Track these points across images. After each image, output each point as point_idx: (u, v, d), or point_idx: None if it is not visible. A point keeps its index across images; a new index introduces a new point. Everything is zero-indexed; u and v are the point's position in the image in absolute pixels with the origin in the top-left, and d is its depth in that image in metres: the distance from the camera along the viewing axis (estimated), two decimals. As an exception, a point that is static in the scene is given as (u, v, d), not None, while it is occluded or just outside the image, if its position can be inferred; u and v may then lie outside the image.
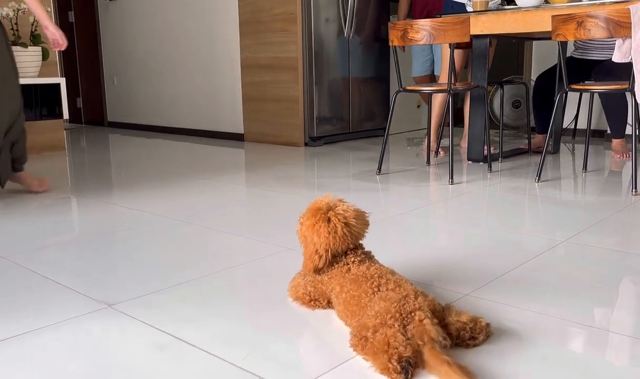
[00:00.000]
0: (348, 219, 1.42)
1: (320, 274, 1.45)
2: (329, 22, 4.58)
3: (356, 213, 1.44)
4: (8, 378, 1.18)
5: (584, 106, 4.59)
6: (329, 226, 1.40)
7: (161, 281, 1.71)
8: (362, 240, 1.49)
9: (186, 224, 2.36)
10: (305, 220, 1.46)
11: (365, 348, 1.19)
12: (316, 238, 1.42)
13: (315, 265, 1.42)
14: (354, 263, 1.42)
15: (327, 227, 1.41)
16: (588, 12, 2.78)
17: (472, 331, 1.26)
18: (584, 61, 3.96)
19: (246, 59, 4.85)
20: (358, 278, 1.36)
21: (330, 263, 1.43)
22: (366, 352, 1.18)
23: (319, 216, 1.42)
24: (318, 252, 1.41)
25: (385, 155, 4.17)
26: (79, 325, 1.42)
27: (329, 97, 4.69)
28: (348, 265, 1.41)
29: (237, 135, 5.10)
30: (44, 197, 2.91)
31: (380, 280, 1.34)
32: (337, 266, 1.43)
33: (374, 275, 1.36)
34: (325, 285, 1.44)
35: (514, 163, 3.65)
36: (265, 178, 3.32)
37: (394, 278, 1.35)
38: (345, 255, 1.43)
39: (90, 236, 2.23)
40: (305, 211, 1.47)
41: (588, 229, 2.18)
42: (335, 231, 1.40)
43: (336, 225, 1.40)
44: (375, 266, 1.40)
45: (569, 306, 1.49)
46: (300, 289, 1.50)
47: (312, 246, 1.43)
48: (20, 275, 1.79)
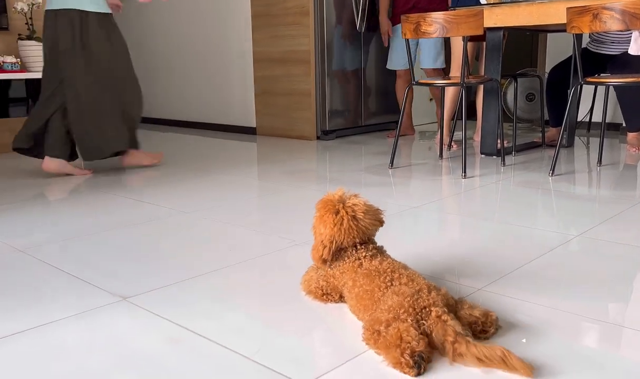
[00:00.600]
0: (356, 213, 1.42)
1: (326, 265, 1.46)
2: (341, 15, 4.57)
3: (366, 208, 1.44)
4: (26, 369, 1.20)
5: (599, 99, 4.55)
6: (336, 218, 1.41)
7: (175, 274, 1.72)
8: (374, 235, 1.49)
9: (199, 218, 2.37)
10: (316, 212, 1.47)
11: (377, 342, 1.19)
12: (323, 229, 1.43)
13: (320, 255, 1.44)
14: (365, 258, 1.42)
15: (334, 219, 1.42)
16: (604, 4, 2.75)
17: (484, 325, 1.27)
18: (598, 54, 3.91)
19: (258, 52, 4.85)
20: (370, 273, 1.36)
21: (337, 256, 1.44)
22: (379, 346, 1.19)
23: (328, 208, 1.43)
24: (323, 243, 1.43)
25: (397, 149, 4.16)
26: (94, 318, 1.44)
27: (341, 90, 4.68)
28: (360, 260, 1.41)
29: (249, 128, 5.11)
30: (60, 191, 2.94)
31: (393, 274, 1.34)
32: (348, 261, 1.43)
33: (386, 269, 1.36)
34: (337, 279, 1.44)
35: (528, 157, 3.63)
36: (278, 172, 3.33)
37: (407, 273, 1.35)
38: (356, 249, 1.44)
39: (105, 230, 2.25)
40: (318, 202, 1.48)
41: (602, 223, 2.17)
42: (341, 223, 1.41)
43: (343, 217, 1.41)
44: (388, 261, 1.40)
45: (583, 301, 1.48)
46: (312, 283, 1.51)
47: (319, 237, 1.44)
48: (37, 267, 1.81)
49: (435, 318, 1.19)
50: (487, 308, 1.31)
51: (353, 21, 4.65)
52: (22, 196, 2.82)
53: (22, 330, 1.37)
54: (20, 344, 1.31)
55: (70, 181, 3.18)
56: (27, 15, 3.99)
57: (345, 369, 1.17)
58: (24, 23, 4.01)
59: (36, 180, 3.21)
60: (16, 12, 3.97)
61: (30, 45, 4.02)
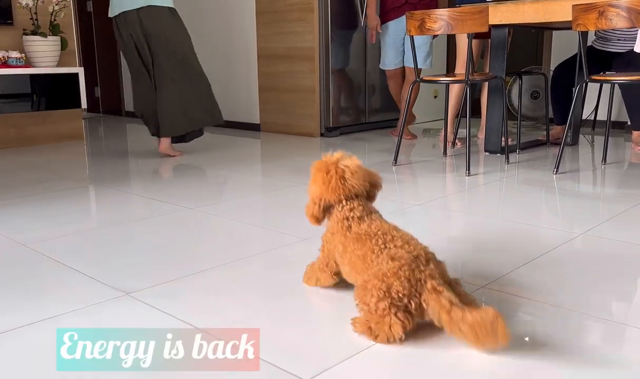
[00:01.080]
0: (345, 173, 1.43)
1: (319, 223, 1.48)
2: (346, 12, 4.56)
3: (356, 169, 1.45)
4: (28, 364, 1.20)
5: (604, 97, 4.52)
6: (326, 178, 1.44)
7: (178, 270, 1.73)
8: (364, 196, 1.48)
9: (202, 213, 2.37)
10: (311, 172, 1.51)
11: (368, 316, 1.24)
12: (313, 187, 1.47)
13: (311, 212, 1.46)
14: (354, 219, 1.41)
15: (323, 178, 1.44)
16: (610, 2, 2.73)
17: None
18: (604, 52, 3.90)
19: (262, 48, 4.84)
20: (361, 237, 1.36)
21: (327, 214, 1.47)
22: (369, 320, 1.24)
23: (321, 168, 1.46)
24: (314, 200, 1.46)
25: (400, 146, 4.16)
26: (97, 312, 1.44)
27: (345, 87, 4.67)
28: (348, 221, 1.41)
29: (253, 125, 5.11)
30: (64, 186, 2.95)
31: (385, 237, 1.34)
32: (336, 219, 1.43)
33: (376, 232, 1.36)
34: (330, 242, 1.45)
35: (532, 155, 3.61)
36: (281, 169, 3.33)
37: (399, 234, 1.36)
38: (342, 205, 1.43)
39: (108, 225, 2.26)
40: (314, 163, 1.51)
41: (607, 222, 2.16)
42: (329, 182, 1.43)
43: (332, 176, 1.43)
44: (376, 223, 1.40)
45: (587, 300, 1.48)
46: (316, 269, 1.52)
47: (311, 195, 1.48)
48: (39, 262, 1.82)
49: (431, 290, 1.21)
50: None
51: (357, 18, 4.64)
52: (24, 191, 2.83)
53: (23, 324, 1.37)
54: (22, 338, 1.31)
55: (75, 176, 3.19)
56: (31, 10, 3.99)
57: (349, 364, 1.17)
58: (28, 18, 4.01)
59: (37, 175, 3.22)
60: (21, 7, 3.98)
61: (35, 41, 4.03)
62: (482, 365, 1.17)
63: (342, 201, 1.44)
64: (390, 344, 1.22)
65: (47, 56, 4.09)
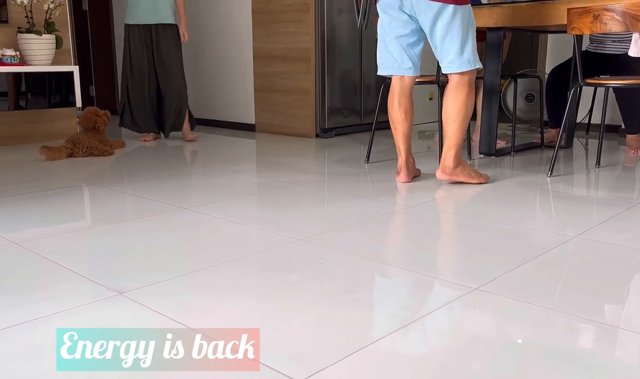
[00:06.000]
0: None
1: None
2: (342, 13, 4.56)
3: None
4: (20, 363, 1.20)
5: (598, 101, 4.54)
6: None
7: (172, 269, 1.72)
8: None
9: (197, 214, 2.37)
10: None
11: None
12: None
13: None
14: None
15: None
16: (604, 5, 2.75)
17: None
18: (599, 55, 3.91)
19: (258, 49, 4.84)
20: None
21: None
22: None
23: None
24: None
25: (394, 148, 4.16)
26: (89, 312, 1.44)
27: (341, 88, 4.68)
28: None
29: (248, 125, 5.11)
30: (58, 185, 2.93)
31: None
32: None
33: None
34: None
35: (526, 158, 3.63)
36: (276, 169, 3.33)
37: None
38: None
39: (102, 224, 2.25)
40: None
41: (600, 225, 2.17)
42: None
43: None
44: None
45: (579, 302, 1.48)
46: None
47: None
48: (32, 261, 1.81)
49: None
50: None
51: (354, 19, 4.64)
52: (17, 190, 2.82)
53: (15, 324, 1.37)
54: (14, 338, 1.30)
55: (69, 175, 3.18)
56: (27, 8, 3.97)
57: (345, 364, 1.17)
58: (23, 16, 3.99)
59: (30, 174, 3.21)
60: (16, 5, 3.96)
61: (30, 39, 4.01)
62: (477, 367, 1.18)
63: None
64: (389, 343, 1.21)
65: (42, 54, 4.08)
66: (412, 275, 1.70)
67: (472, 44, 2.69)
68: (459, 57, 2.66)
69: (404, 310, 1.49)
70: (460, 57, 2.66)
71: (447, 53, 2.68)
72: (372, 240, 2.01)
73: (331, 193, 2.77)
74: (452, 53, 2.67)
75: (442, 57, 2.72)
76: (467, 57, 2.67)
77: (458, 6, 2.60)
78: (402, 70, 2.83)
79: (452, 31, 2.64)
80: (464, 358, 1.22)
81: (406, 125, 2.89)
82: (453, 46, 2.66)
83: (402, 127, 2.89)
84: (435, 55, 2.78)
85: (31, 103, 4.12)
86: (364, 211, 2.38)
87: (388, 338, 1.29)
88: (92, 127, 3.81)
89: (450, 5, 2.59)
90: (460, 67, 2.67)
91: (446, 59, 2.70)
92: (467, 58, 2.67)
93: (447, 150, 2.78)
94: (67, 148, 3.60)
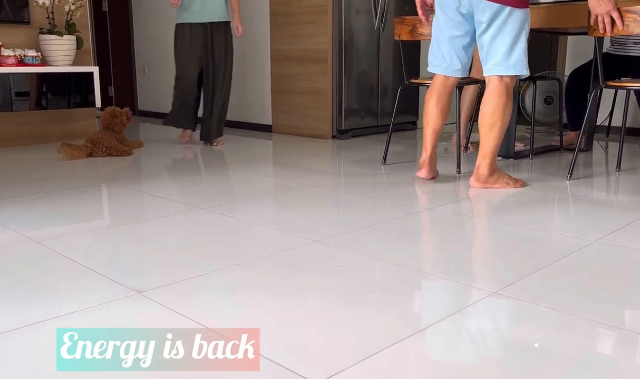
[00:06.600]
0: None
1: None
2: (359, 15, 4.56)
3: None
4: (40, 361, 1.21)
5: (619, 103, 4.48)
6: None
7: (190, 269, 1.73)
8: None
9: (214, 214, 2.38)
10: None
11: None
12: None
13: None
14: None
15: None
16: (627, 7, 2.71)
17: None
18: (620, 57, 3.86)
19: (276, 50, 4.85)
20: None
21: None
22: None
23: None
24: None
25: (412, 150, 4.14)
26: (108, 311, 1.45)
27: (358, 90, 4.67)
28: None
29: (265, 126, 5.12)
30: (77, 184, 2.97)
31: None
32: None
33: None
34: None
35: (545, 161, 3.59)
36: (292, 171, 3.33)
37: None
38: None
39: (120, 224, 2.27)
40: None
41: (621, 230, 2.14)
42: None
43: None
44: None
45: (599, 307, 1.46)
46: None
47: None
48: (52, 259, 1.83)
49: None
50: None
51: (371, 20, 4.64)
52: (38, 189, 2.85)
53: (34, 322, 1.38)
54: (33, 337, 1.32)
55: (88, 174, 3.21)
56: (48, 9, 4.03)
57: (359, 368, 1.17)
58: (45, 17, 4.05)
59: (51, 172, 3.25)
60: (37, 6, 4.02)
61: (51, 39, 4.07)
62: (491, 372, 1.17)
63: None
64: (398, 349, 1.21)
65: (62, 55, 4.13)
66: (429, 278, 1.69)
67: (521, 48, 2.61)
68: (505, 60, 2.60)
69: (421, 314, 1.49)
70: (507, 60, 2.60)
71: (493, 54, 2.62)
72: (388, 243, 2.01)
73: (347, 195, 2.76)
74: (499, 55, 2.61)
75: (488, 58, 2.66)
76: (514, 61, 2.60)
77: (515, 8, 2.54)
78: (450, 71, 2.81)
79: (502, 32, 2.57)
80: (481, 363, 1.21)
81: (439, 122, 2.88)
82: (501, 48, 2.59)
83: (435, 123, 2.87)
84: (481, 57, 2.72)
85: (51, 104, 4.18)
86: (380, 213, 2.37)
87: (404, 342, 1.28)
88: (109, 126, 3.85)
89: (507, 7, 2.54)
90: (505, 70, 2.61)
91: (492, 61, 2.64)
92: (514, 62, 2.60)
93: (482, 159, 2.73)
94: (87, 147, 3.64)
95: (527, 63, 2.65)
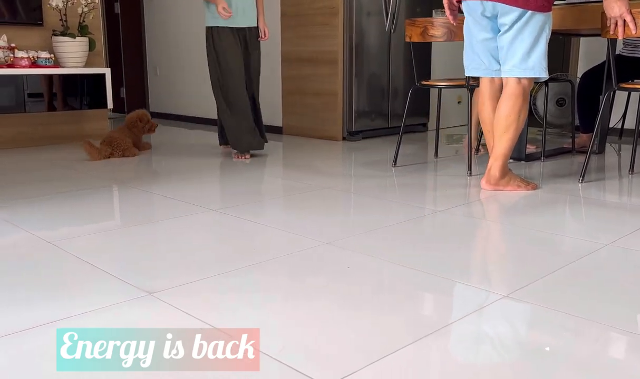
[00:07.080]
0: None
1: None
2: (370, 16, 4.56)
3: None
4: (50, 362, 1.22)
5: (632, 105, 4.45)
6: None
7: (201, 271, 1.74)
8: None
9: (225, 215, 2.39)
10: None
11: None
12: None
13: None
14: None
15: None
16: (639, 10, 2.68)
17: None
18: (633, 59, 3.83)
19: (286, 52, 4.86)
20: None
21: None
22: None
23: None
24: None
25: (422, 152, 4.13)
26: (119, 312, 1.46)
27: (369, 91, 4.67)
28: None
29: (275, 128, 5.13)
30: (89, 185, 2.99)
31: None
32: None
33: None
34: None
35: (557, 163, 3.57)
36: (303, 172, 3.34)
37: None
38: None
39: (132, 225, 2.28)
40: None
41: (634, 233, 2.12)
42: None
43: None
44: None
45: (611, 311, 1.45)
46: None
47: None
48: (63, 260, 1.85)
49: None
50: None
51: (382, 22, 4.63)
52: (50, 189, 2.88)
53: (45, 323, 1.40)
54: (44, 337, 1.33)
55: (100, 175, 3.23)
56: (61, 11, 4.06)
57: (371, 371, 1.17)
58: (58, 19, 4.08)
59: (63, 173, 3.27)
60: (51, 8, 4.05)
61: (64, 41, 4.10)
62: (504, 374, 1.16)
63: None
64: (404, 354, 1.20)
65: (75, 57, 4.17)
66: (440, 281, 1.68)
67: (541, 51, 2.60)
68: (523, 62, 2.59)
69: (432, 317, 1.48)
70: (525, 62, 2.59)
71: (512, 56, 2.61)
72: (399, 245, 2.00)
73: (358, 197, 2.76)
74: (518, 56, 2.60)
75: (506, 60, 2.64)
76: (532, 63, 2.59)
77: (536, 12, 2.54)
78: (490, 72, 2.79)
79: (522, 34, 2.56)
80: (492, 367, 1.20)
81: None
82: (520, 50, 2.58)
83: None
84: (500, 58, 2.71)
85: (64, 105, 4.22)
86: (391, 215, 2.37)
87: (414, 345, 1.28)
88: (131, 126, 3.89)
89: (529, 10, 2.53)
90: (523, 72, 2.60)
91: (510, 62, 2.63)
92: (532, 65, 2.59)
93: (494, 160, 2.72)
94: (106, 151, 3.66)
95: (546, 66, 2.63)
